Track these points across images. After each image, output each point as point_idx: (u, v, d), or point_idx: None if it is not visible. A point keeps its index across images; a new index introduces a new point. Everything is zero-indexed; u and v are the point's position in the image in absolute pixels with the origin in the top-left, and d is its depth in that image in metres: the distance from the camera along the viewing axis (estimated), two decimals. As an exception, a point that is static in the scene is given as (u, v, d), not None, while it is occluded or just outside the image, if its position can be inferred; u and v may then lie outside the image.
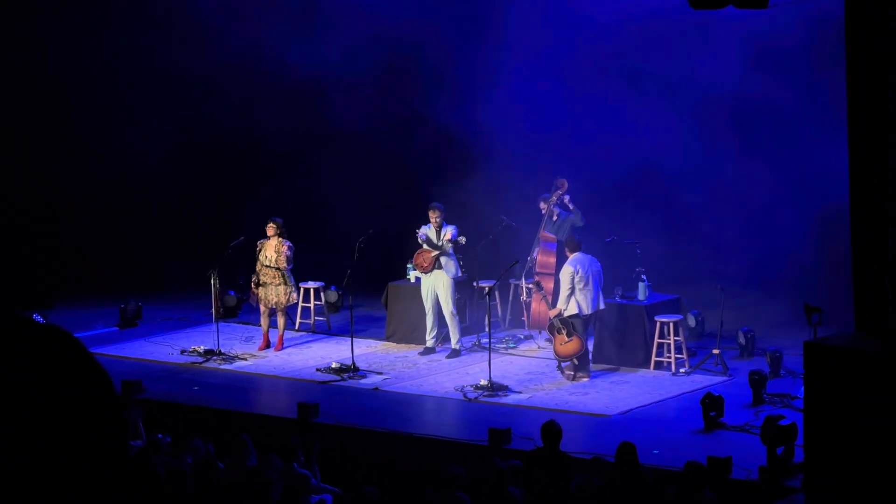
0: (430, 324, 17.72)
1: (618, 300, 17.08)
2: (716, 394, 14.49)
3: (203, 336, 18.49)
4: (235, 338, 18.66)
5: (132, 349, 18.29)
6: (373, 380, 16.59)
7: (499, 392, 15.74)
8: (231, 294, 19.79)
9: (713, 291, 17.01)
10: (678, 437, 13.91)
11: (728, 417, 14.39)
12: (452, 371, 16.98)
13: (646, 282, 17.18)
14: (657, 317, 16.80)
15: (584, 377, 16.34)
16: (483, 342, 17.45)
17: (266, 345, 18.13)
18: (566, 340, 16.33)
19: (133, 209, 22.49)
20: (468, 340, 17.91)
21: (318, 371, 16.97)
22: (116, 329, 19.36)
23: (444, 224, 17.59)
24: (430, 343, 17.74)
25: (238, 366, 17.39)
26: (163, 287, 21.61)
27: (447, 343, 17.75)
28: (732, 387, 15.76)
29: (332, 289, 20.00)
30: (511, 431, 13.76)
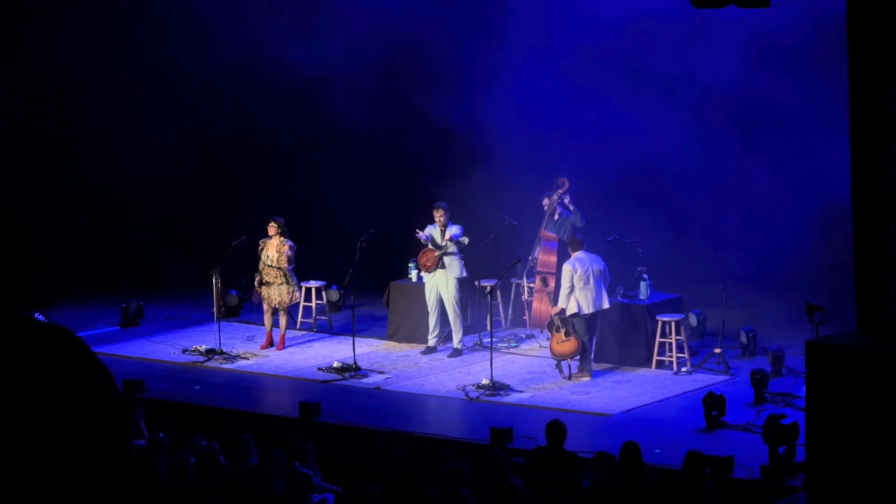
0: (433, 323, 17.71)
1: (619, 299, 17.08)
2: (717, 393, 14.49)
3: (205, 335, 18.49)
4: (237, 337, 18.66)
5: (134, 348, 18.30)
6: (374, 379, 16.59)
7: (500, 391, 15.74)
8: (232, 293, 19.78)
9: (715, 290, 17.00)
10: (680, 437, 13.90)
11: (730, 416, 14.39)
12: (454, 370, 16.97)
13: (647, 281, 17.18)
14: (659, 316, 16.79)
15: (586, 376, 16.33)
16: (485, 341, 17.43)
17: (269, 343, 18.13)
18: (563, 339, 16.32)
19: (135, 208, 22.47)
20: (470, 340, 17.89)
21: (320, 370, 16.96)
22: (118, 328, 19.36)
23: (450, 223, 17.58)
24: (432, 342, 17.73)
25: (240, 365, 17.39)
26: (164, 286, 21.60)
27: (449, 342, 17.74)
28: (734, 386, 15.75)
29: (334, 288, 19.99)
30: (513, 431, 13.76)
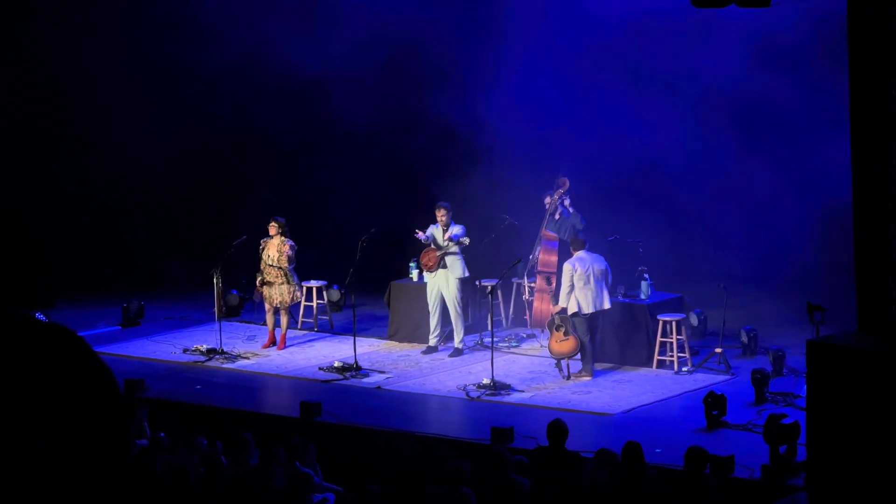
0: (434, 323, 17.70)
1: (620, 299, 17.07)
2: (718, 392, 14.48)
3: (205, 335, 18.48)
4: (238, 337, 18.66)
5: (135, 348, 18.30)
6: (375, 379, 16.58)
7: (501, 391, 15.74)
8: (233, 293, 19.77)
9: (716, 290, 17.00)
10: (681, 436, 13.88)
11: (731, 416, 14.39)
12: (455, 370, 16.97)
13: (648, 280, 17.18)
14: (660, 315, 16.79)
15: (587, 376, 16.33)
16: (486, 341, 17.42)
17: (271, 342, 18.14)
18: (562, 339, 16.35)
19: (135, 208, 22.46)
20: (470, 339, 17.88)
21: (321, 370, 16.96)
22: (119, 328, 19.36)
23: (452, 223, 17.57)
24: (433, 342, 17.73)
25: (240, 365, 17.39)
26: (165, 286, 21.59)
27: (450, 342, 17.73)
28: (735, 385, 15.74)
29: (335, 287, 19.99)
30: (514, 430, 13.76)
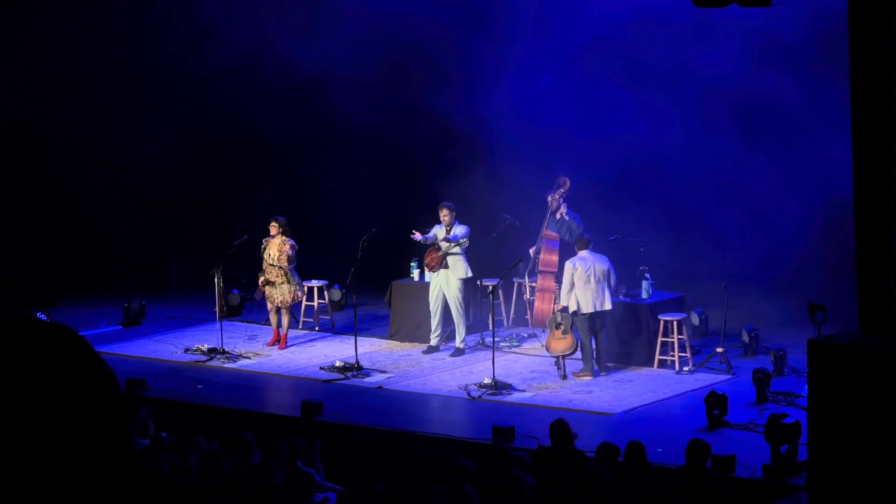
0: (435, 323, 17.70)
1: (622, 298, 17.06)
2: (719, 392, 14.48)
3: (207, 335, 18.49)
4: (239, 336, 18.66)
5: (136, 348, 18.30)
6: (376, 378, 16.59)
7: (502, 390, 15.74)
8: (235, 293, 19.78)
9: (717, 290, 16.99)
10: (682, 436, 13.82)
11: (732, 416, 14.38)
12: (456, 369, 16.97)
13: (649, 280, 17.17)
14: (661, 315, 16.79)
15: (588, 376, 16.33)
16: (487, 341, 17.43)
17: (276, 340, 18.15)
18: (560, 336, 16.39)
19: (136, 208, 22.46)
20: (472, 339, 17.89)
21: (322, 369, 16.96)
22: (120, 328, 19.36)
23: (456, 223, 17.56)
24: (435, 342, 17.72)
25: (242, 364, 17.39)
26: (166, 286, 21.62)
27: (451, 341, 17.73)
28: (736, 385, 15.73)
29: (336, 287, 19.99)
30: (515, 430, 13.76)
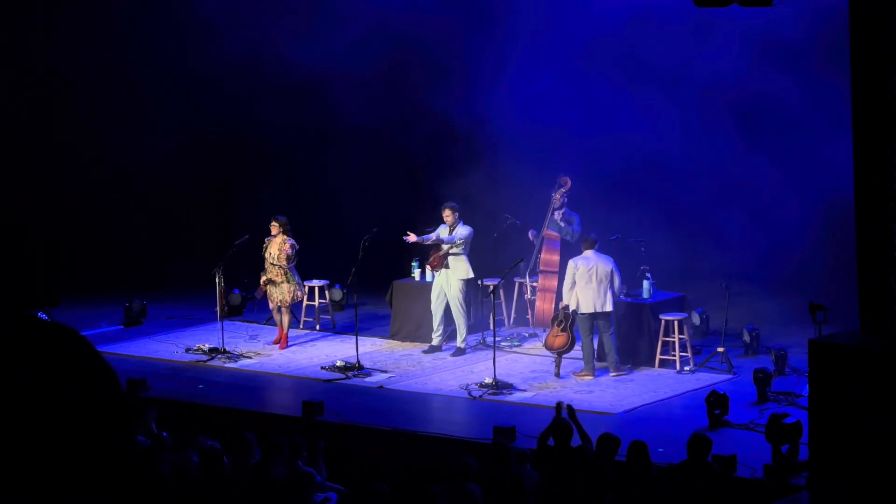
0: (437, 322, 17.70)
1: (622, 298, 17.05)
2: (720, 392, 14.48)
3: (208, 334, 18.49)
4: (240, 336, 18.66)
5: (137, 348, 18.30)
6: (377, 378, 16.59)
7: (503, 390, 15.74)
8: (236, 292, 19.77)
9: (718, 289, 16.99)
10: (683, 435, 13.81)
11: (733, 415, 14.38)
12: (457, 369, 16.97)
13: (650, 280, 17.17)
14: (662, 315, 16.79)
15: (588, 375, 16.33)
16: (488, 340, 17.44)
17: (280, 338, 18.17)
18: (558, 333, 16.44)
19: (137, 207, 22.47)
20: (473, 339, 17.89)
21: (323, 369, 16.96)
22: (121, 327, 19.36)
23: (461, 223, 17.55)
24: (436, 342, 17.72)
25: (243, 364, 17.39)
26: (167, 285, 21.62)
27: (452, 341, 17.74)
28: (737, 385, 15.73)
29: (337, 287, 19.98)
30: (516, 429, 13.76)
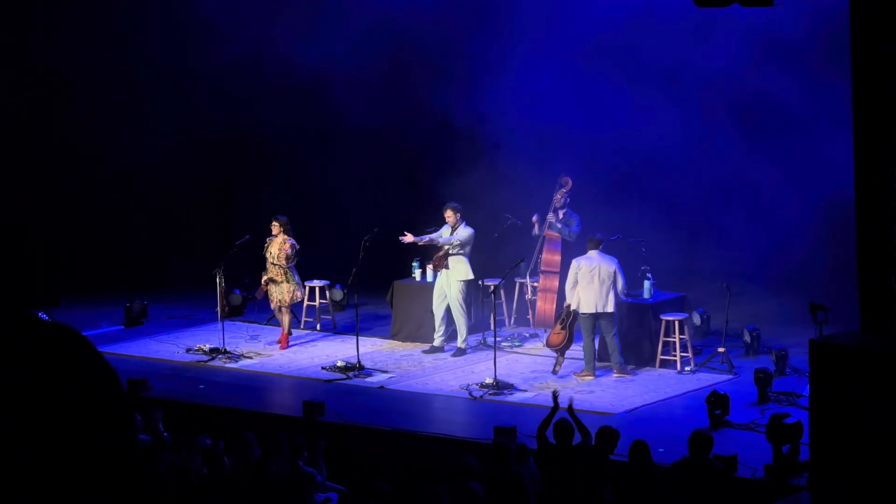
0: (438, 323, 17.70)
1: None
2: (721, 392, 14.47)
3: (208, 334, 18.49)
4: (241, 336, 18.67)
5: (137, 348, 18.30)
6: (378, 378, 16.59)
7: (504, 390, 15.74)
8: (236, 292, 19.77)
9: (718, 289, 16.99)
10: (683, 436, 13.82)
11: (733, 415, 14.38)
12: (458, 369, 16.97)
13: (651, 280, 17.17)
14: (662, 315, 16.78)
15: (589, 375, 16.33)
16: (488, 341, 17.44)
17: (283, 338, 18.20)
18: (558, 331, 16.50)
19: (137, 208, 22.47)
20: (473, 339, 17.90)
21: (324, 369, 16.96)
22: (122, 328, 19.37)
23: (464, 224, 17.54)
24: (438, 342, 17.71)
25: (243, 364, 17.39)
26: (168, 285, 21.62)
27: (453, 341, 17.74)
28: (738, 385, 15.73)
29: (338, 287, 19.98)
30: (516, 429, 13.76)
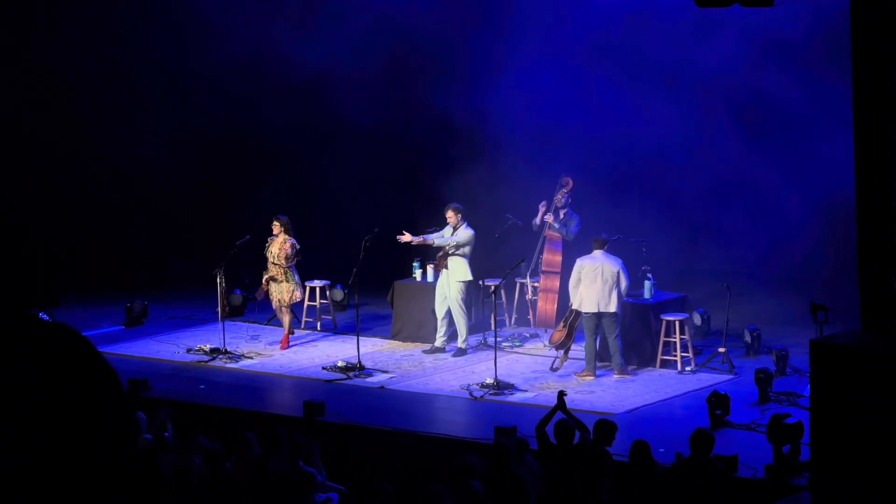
0: (440, 323, 17.69)
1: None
2: (722, 392, 14.48)
3: (209, 335, 18.49)
4: (241, 336, 18.67)
5: (138, 348, 18.30)
6: (379, 378, 16.59)
7: (504, 390, 15.74)
8: (237, 293, 19.78)
9: (719, 289, 16.99)
10: (684, 436, 13.83)
11: (734, 416, 14.38)
12: (458, 369, 16.98)
13: (651, 280, 17.17)
14: (663, 315, 16.79)
15: (589, 375, 16.34)
16: (489, 341, 17.44)
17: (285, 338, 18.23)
18: (561, 329, 16.70)
19: (137, 208, 22.47)
20: (474, 339, 17.90)
21: (324, 369, 16.96)
22: (122, 328, 19.37)
23: (465, 225, 17.53)
24: (440, 343, 17.70)
25: (244, 364, 17.39)
26: (169, 286, 21.62)
27: (453, 342, 17.74)
28: (738, 385, 15.73)
29: (338, 287, 19.98)
30: (517, 429, 13.75)
